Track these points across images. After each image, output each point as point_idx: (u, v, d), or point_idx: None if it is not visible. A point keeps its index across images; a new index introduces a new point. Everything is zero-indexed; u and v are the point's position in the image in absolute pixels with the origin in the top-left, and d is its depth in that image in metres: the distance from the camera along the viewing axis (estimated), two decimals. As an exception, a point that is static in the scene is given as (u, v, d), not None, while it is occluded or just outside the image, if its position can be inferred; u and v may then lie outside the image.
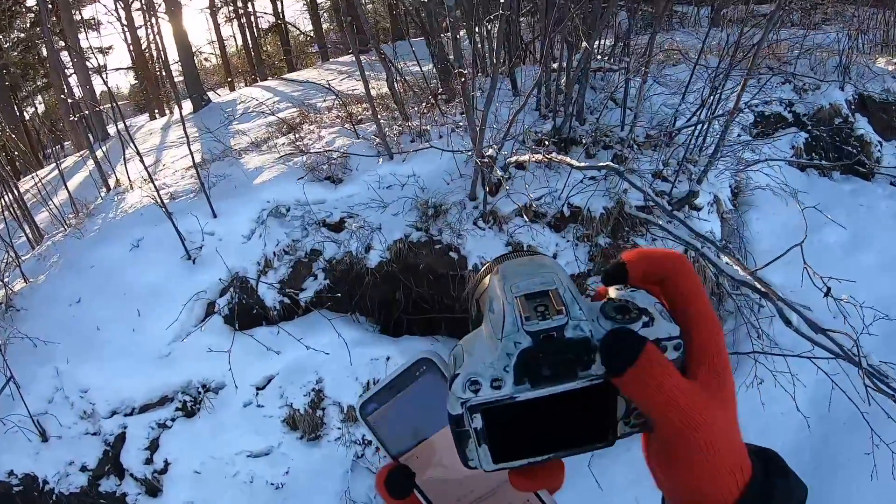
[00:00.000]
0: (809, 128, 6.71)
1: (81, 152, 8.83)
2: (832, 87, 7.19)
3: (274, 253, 4.51)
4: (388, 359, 4.24)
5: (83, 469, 4.07)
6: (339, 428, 4.24)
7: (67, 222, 5.93)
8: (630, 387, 0.34)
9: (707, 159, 4.74)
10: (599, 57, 5.54)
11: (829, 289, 4.16)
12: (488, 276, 0.40)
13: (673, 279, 0.38)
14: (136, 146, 5.17)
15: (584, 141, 4.56)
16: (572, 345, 0.34)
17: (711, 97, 4.66)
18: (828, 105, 7.01)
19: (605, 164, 3.86)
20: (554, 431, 0.36)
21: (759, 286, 3.99)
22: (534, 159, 4.06)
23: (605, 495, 4.23)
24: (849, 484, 4.33)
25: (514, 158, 4.22)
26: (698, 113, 4.88)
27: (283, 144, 5.28)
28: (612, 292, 0.38)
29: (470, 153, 3.85)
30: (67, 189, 6.91)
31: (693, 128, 4.79)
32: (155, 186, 4.77)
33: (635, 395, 0.34)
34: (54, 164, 8.41)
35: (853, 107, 7.29)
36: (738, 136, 5.77)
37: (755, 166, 5.35)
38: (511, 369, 0.34)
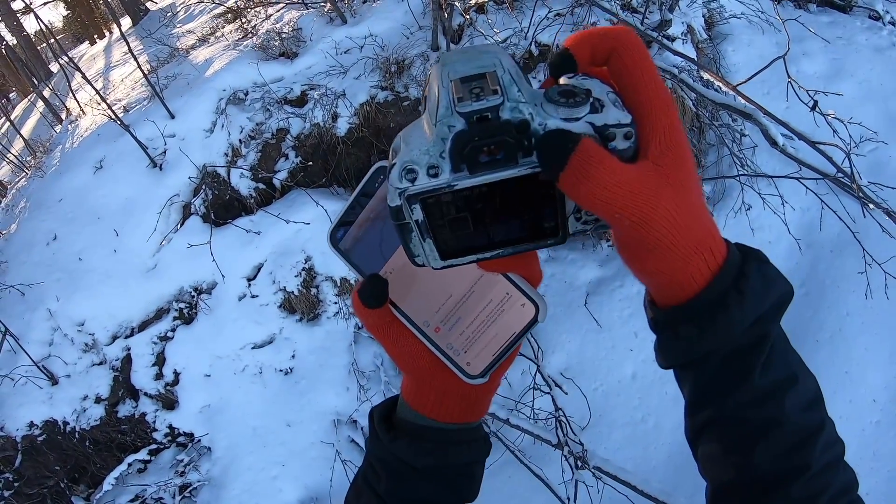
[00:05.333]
0: (782, -45, 6.37)
1: (29, 96, 8.42)
2: (804, -88, 6.77)
3: (240, 140, 4.33)
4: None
5: (98, 400, 4.10)
6: (336, 302, 4.25)
7: (28, 166, 5.73)
8: (568, 189, 0.32)
9: (677, -15, 4.50)
10: None
11: (815, 102, 3.97)
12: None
13: (620, 52, 0.35)
14: (80, 71, 4.93)
15: (545, -25, 4.28)
16: (509, 127, 0.31)
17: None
18: (801, -67, 6.64)
19: (568, -13, 3.64)
20: (502, 226, 0.34)
21: (742, 103, 3.87)
22: (493, -5, 3.83)
23: (605, 331, 4.33)
24: (839, 306, 4.40)
25: (473, 1, 3.97)
26: (664, -63, 4.57)
27: (230, 32, 4.97)
28: (563, 81, 0.35)
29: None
30: (21, 135, 6.69)
31: (659, -47, 4.51)
32: (106, 103, 4.58)
33: (575, 197, 0.32)
34: (3, 118, 8.06)
35: (828, -65, 6.92)
36: (709, -35, 5.47)
37: (728, -7, 5.12)
38: (447, 155, 0.31)
